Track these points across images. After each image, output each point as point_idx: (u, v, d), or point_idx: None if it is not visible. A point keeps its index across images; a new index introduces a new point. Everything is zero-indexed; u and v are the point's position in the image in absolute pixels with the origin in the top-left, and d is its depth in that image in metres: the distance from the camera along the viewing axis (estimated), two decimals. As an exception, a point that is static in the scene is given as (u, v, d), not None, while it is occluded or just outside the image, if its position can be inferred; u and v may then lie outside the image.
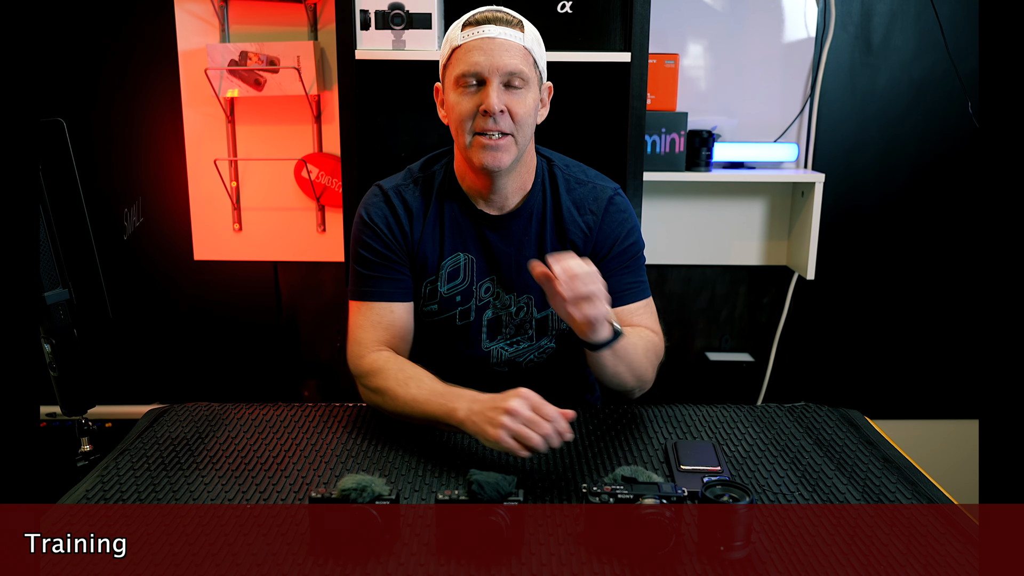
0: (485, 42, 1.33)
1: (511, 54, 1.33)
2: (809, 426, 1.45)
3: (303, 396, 2.71)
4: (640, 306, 1.50)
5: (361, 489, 1.04)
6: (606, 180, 1.52)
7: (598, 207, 1.47)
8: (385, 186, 1.47)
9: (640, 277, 1.50)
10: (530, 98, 1.36)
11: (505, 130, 1.34)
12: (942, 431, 2.74)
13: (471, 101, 1.34)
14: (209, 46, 2.35)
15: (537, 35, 1.41)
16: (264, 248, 2.55)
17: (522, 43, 1.35)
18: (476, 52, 1.33)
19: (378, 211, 1.44)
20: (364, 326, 1.43)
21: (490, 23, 1.34)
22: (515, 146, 1.36)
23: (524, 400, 1.18)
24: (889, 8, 2.47)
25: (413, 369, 1.36)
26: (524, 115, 1.35)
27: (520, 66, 1.34)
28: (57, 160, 1.52)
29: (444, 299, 1.46)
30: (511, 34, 1.34)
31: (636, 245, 1.50)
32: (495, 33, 1.33)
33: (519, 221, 1.45)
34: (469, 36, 1.34)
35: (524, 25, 1.38)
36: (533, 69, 1.37)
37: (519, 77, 1.34)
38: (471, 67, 1.33)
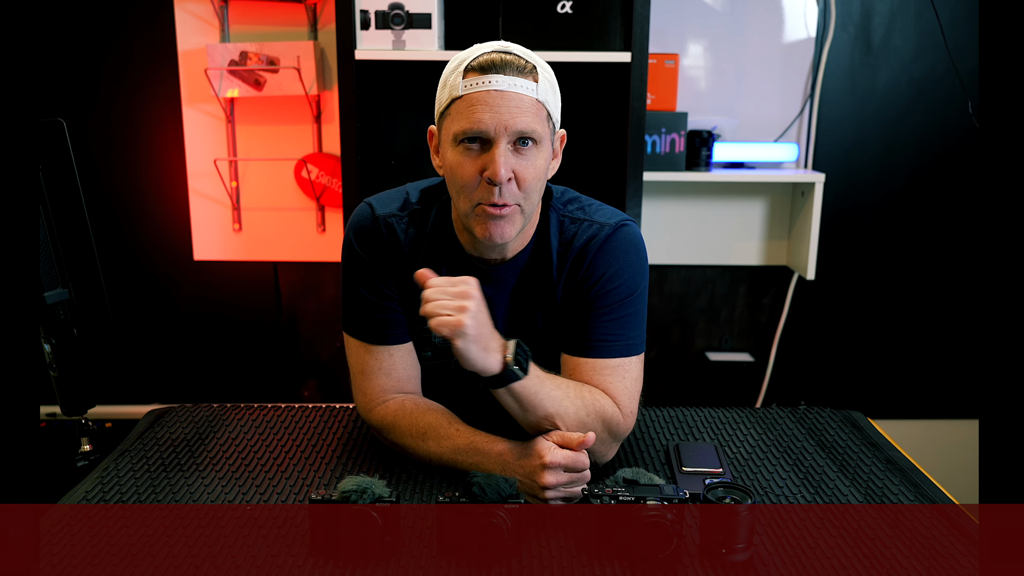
0: (492, 96, 1.12)
1: (522, 110, 1.13)
2: (811, 428, 1.45)
3: (303, 396, 2.71)
4: (602, 365, 1.23)
5: (361, 491, 1.03)
6: (611, 215, 1.29)
7: (590, 247, 1.25)
8: (377, 211, 1.28)
9: (620, 331, 1.24)
10: (541, 159, 1.17)
11: (510, 201, 1.15)
12: (942, 431, 2.74)
13: (473, 165, 1.15)
14: (209, 46, 2.35)
15: (551, 79, 1.20)
16: (264, 248, 2.55)
17: (535, 95, 1.14)
18: (481, 108, 1.12)
19: (370, 239, 1.28)
20: (366, 373, 1.31)
21: (498, 71, 1.12)
22: (521, 215, 1.18)
23: (556, 468, 1.12)
24: (889, 8, 2.47)
25: (426, 419, 1.26)
26: (533, 181, 1.16)
27: (532, 124, 1.14)
28: (57, 160, 1.52)
29: (439, 349, 1.27)
30: (523, 85, 1.13)
31: (618, 292, 1.24)
32: (505, 85, 1.12)
33: (513, 271, 1.28)
34: (473, 86, 1.13)
35: (538, 70, 1.16)
36: (546, 124, 1.17)
37: (530, 137, 1.14)
38: (475, 125, 1.13)
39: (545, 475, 1.12)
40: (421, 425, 1.26)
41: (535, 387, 1.14)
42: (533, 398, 1.14)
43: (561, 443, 1.15)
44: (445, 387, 1.38)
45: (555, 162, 1.26)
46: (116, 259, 2.55)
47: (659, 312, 2.68)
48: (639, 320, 1.27)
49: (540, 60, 1.19)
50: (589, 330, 1.25)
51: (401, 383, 1.32)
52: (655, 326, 2.69)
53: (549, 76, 1.19)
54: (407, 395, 1.33)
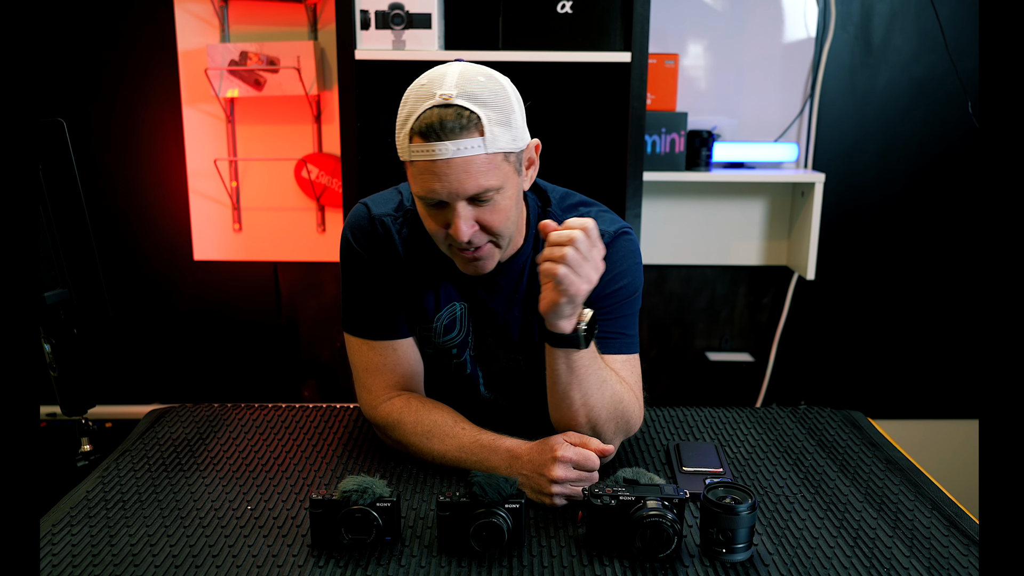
0: (438, 167, 1.09)
1: (471, 174, 1.09)
2: (812, 428, 1.45)
3: (303, 396, 2.71)
4: (617, 360, 1.27)
5: (362, 491, 1.03)
6: (611, 223, 1.29)
7: None
8: (373, 210, 1.29)
9: (623, 329, 1.28)
10: (506, 200, 1.15)
11: (482, 243, 1.17)
12: (942, 431, 2.74)
13: (436, 221, 1.16)
14: (209, 46, 2.35)
15: (501, 112, 1.11)
16: (264, 248, 2.55)
17: (484, 151, 1.09)
18: (430, 178, 1.10)
19: (367, 238, 1.29)
20: (369, 370, 1.31)
21: (439, 137, 1.08)
22: (498, 248, 1.20)
23: (567, 463, 1.13)
24: (889, 8, 2.46)
25: (431, 417, 1.27)
26: (501, 222, 1.16)
27: (485, 183, 1.11)
28: (57, 160, 1.52)
29: (439, 348, 1.34)
30: (468, 146, 1.08)
31: (623, 292, 1.27)
32: (449, 152, 1.08)
33: (509, 277, 1.29)
34: (419, 155, 1.10)
35: (483, 118, 1.09)
36: (504, 165, 1.13)
37: (489, 191, 1.12)
38: (428, 194, 1.12)
39: (556, 468, 1.13)
40: (426, 423, 1.27)
41: (588, 361, 1.16)
42: (583, 371, 1.16)
43: (578, 444, 1.16)
44: (446, 385, 1.39)
45: (532, 170, 1.24)
46: (116, 259, 2.55)
47: (659, 312, 2.68)
48: (635, 321, 1.31)
49: (487, 92, 1.11)
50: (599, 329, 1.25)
51: (406, 379, 1.33)
52: (655, 326, 2.69)
53: (498, 108, 1.11)
54: (412, 393, 1.33)
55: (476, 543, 1.01)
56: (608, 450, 1.16)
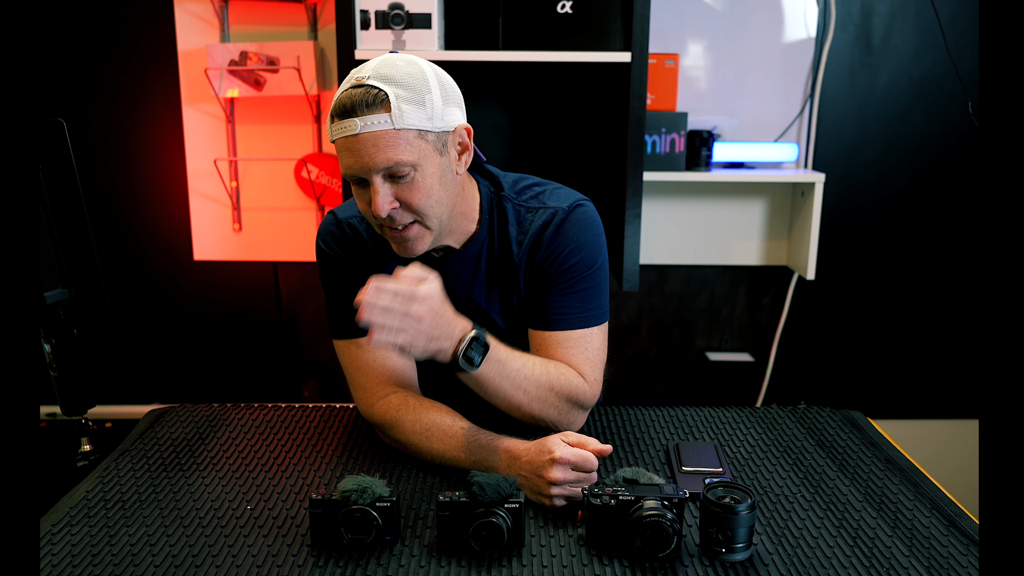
0: (350, 142, 1.15)
1: (380, 148, 1.14)
2: (811, 427, 1.45)
3: (303, 396, 2.71)
4: (565, 337, 1.30)
5: (362, 490, 1.04)
6: (562, 199, 1.33)
7: (546, 230, 1.31)
8: (339, 215, 1.36)
9: (577, 304, 1.31)
10: (428, 176, 1.18)
11: (407, 221, 1.20)
12: (942, 431, 2.74)
13: (363, 199, 1.21)
14: (209, 46, 2.35)
15: (415, 92, 1.16)
16: (264, 248, 2.55)
17: (392, 126, 1.14)
18: (346, 155, 1.17)
19: (337, 240, 1.34)
20: (362, 368, 1.34)
21: (350, 114, 1.14)
22: (427, 229, 1.23)
23: (566, 464, 1.13)
24: (889, 8, 2.46)
25: (429, 417, 1.27)
26: (421, 201, 1.19)
27: (397, 156, 1.15)
28: (57, 160, 1.52)
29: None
30: (376, 121, 1.14)
31: (579, 266, 1.30)
32: (359, 127, 1.14)
33: (466, 263, 1.34)
34: (336, 133, 1.17)
35: (391, 96, 1.14)
36: (416, 143, 1.16)
37: (401, 166, 1.16)
38: (347, 171, 1.18)
39: (554, 470, 1.12)
40: (425, 422, 1.27)
41: (493, 373, 1.19)
42: (491, 383, 1.20)
43: (575, 444, 1.16)
44: (439, 380, 1.39)
45: (465, 156, 1.26)
46: (116, 259, 2.55)
47: (659, 312, 2.68)
48: (599, 292, 1.33)
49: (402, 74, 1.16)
50: (550, 305, 1.31)
51: (398, 373, 1.34)
52: (655, 326, 2.69)
53: (410, 87, 1.15)
54: (408, 391, 1.34)
55: (476, 543, 1.01)
56: (606, 449, 1.16)
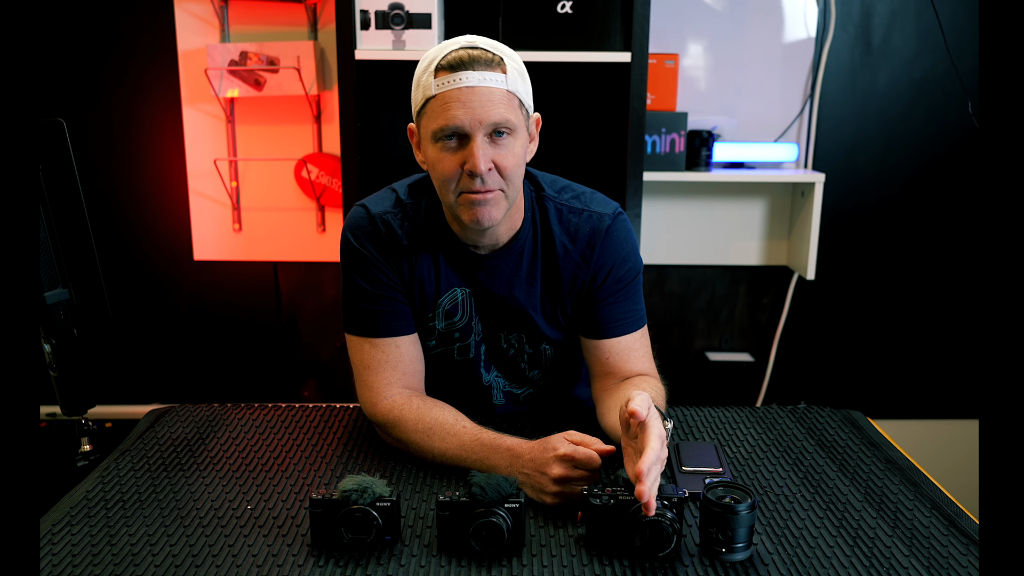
0: (463, 93, 1.16)
1: (495, 103, 1.17)
2: (811, 427, 1.45)
3: (303, 396, 2.71)
4: (635, 339, 1.37)
5: (362, 490, 1.03)
6: (604, 204, 1.36)
7: (595, 238, 1.32)
8: (372, 210, 1.32)
9: (635, 305, 1.37)
10: (518, 146, 1.21)
11: (493, 187, 1.20)
12: (942, 431, 2.74)
13: (453, 159, 1.19)
14: (209, 46, 2.35)
15: (520, 67, 1.23)
16: (264, 248, 2.55)
17: (506, 87, 1.18)
18: (455, 105, 1.16)
19: (368, 237, 1.31)
20: (371, 367, 1.32)
21: (466, 68, 1.16)
22: (505, 200, 1.23)
23: (567, 462, 1.13)
24: (889, 8, 2.47)
25: (432, 415, 1.27)
26: (513, 167, 1.21)
27: (506, 115, 1.18)
28: (57, 160, 1.52)
29: (442, 335, 1.37)
30: (493, 78, 1.17)
31: (633, 270, 1.36)
32: (475, 81, 1.16)
33: (508, 259, 1.33)
34: (444, 85, 1.17)
35: (506, 61, 1.19)
36: (519, 111, 1.21)
37: (506, 127, 1.18)
38: (450, 122, 1.17)
39: (557, 467, 1.13)
40: (427, 420, 1.27)
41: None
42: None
43: (578, 443, 1.16)
44: (447, 380, 1.41)
45: (532, 145, 1.30)
46: (116, 259, 2.55)
47: (659, 312, 2.67)
48: (641, 293, 1.40)
49: (507, 50, 1.23)
50: (609, 313, 1.34)
51: (407, 376, 1.34)
52: (655, 326, 2.68)
53: (517, 65, 1.23)
54: (413, 391, 1.34)
55: (476, 543, 1.01)
56: (610, 449, 1.16)
